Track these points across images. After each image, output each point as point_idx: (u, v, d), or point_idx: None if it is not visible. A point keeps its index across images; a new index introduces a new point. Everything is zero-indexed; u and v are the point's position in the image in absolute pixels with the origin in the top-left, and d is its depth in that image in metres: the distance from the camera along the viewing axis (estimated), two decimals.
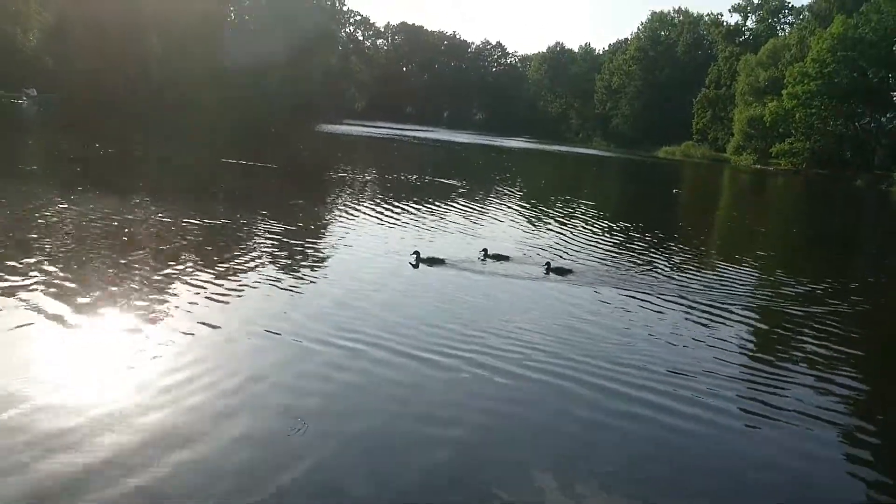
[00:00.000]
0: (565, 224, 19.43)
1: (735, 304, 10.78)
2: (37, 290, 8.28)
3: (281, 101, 75.76)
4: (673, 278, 12.56)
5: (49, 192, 15.17)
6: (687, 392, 7.02)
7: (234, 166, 25.99)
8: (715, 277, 12.97)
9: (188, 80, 65.24)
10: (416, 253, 11.91)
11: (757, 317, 10.40)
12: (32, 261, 9.51)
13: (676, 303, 10.67)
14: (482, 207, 21.70)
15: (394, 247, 13.14)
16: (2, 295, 7.95)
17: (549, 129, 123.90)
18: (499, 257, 12.79)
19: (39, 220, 12.46)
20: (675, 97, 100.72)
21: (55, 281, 8.70)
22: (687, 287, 11.84)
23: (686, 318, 9.89)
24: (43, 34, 59.20)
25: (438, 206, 20.22)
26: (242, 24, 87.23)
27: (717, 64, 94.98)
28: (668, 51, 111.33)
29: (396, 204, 19.74)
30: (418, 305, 9.41)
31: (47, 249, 10.31)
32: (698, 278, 12.75)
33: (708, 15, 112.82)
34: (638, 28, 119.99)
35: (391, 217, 17.24)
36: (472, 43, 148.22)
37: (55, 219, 12.66)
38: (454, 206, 20.77)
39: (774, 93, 72.06)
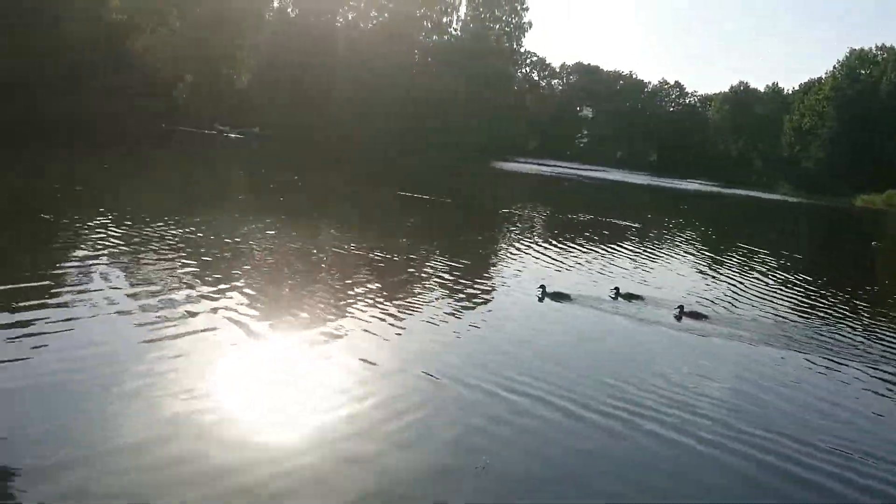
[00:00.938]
0: (736, 273, 18.33)
1: None
2: (219, 309, 9.19)
3: (459, 139, 78.34)
4: (856, 341, 11.38)
5: (253, 219, 16.83)
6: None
7: (415, 200, 27.56)
8: None
9: (376, 121, 69.56)
10: (542, 287, 12.13)
11: None
12: (220, 282, 10.61)
13: (859, 370, 9.66)
14: (650, 251, 21.06)
15: (554, 287, 13.05)
16: (185, 313, 8.86)
17: (728, 172, 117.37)
18: (631, 296, 12.52)
19: (236, 243, 13.87)
20: (878, 140, 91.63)
21: (235, 304, 9.57)
22: (873, 353, 10.66)
23: (866, 387, 8.93)
24: (252, 77, 65.99)
25: (606, 248, 19.90)
26: (426, 66, 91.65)
27: None
28: (869, 90, 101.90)
29: (562, 244, 19.72)
30: (573, 354, 9.19)
31: (235, 273, 11.46)
32: (887, 344, 11.42)
33: None
34: (834, 66, 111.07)
35: (555, 256, 17.26)
36: (650, 82, 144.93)
37: (251, 244, 14.00)
38: (621, 249, 20.33)
39: None
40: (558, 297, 11.99)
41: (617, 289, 12.77)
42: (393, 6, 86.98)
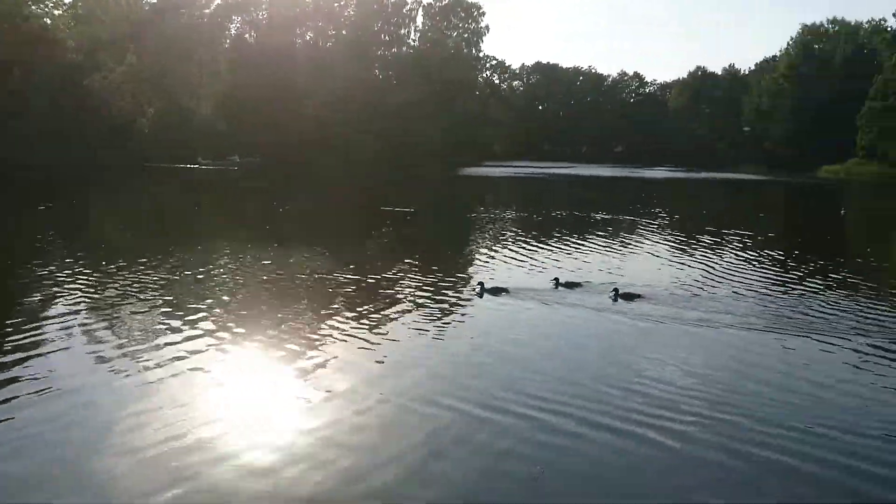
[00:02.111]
0: (704, 254, 18.81)
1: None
2: (199, 337, 9.47)
3: (426, 149, 78.67)
4: (830, 313, 11.66)
5: (233, 246, 16.96)
6: None
7: (391, 213, 27.94)
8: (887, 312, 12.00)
9: (343, 139, 69.63)
10: (481, 284, 12.63)
11: None
12: (201, 310, 10.93)
13: (849, 347, 9.85)
14: (622, 240, 21.64)
15: (532, 285, 13.41)
16: (159, 342, 9.20)
17: (693, 157, 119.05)
18: (571, 284, 13.06)
19: (218, 272, 14.02)
20: (835, 113, 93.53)
21: (216, 331, 9.82)
22: (845, 325, 10.89)
23: (847, 362, 9.21)
24: (216, 105, 65.83)
25: (577, 242, 20.52)
26: (387, 78, 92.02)
27: (883, 73, 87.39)
28: (823, 64, 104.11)
29: (533, 243, 20.27)
30: (546, 358, 9.15)
31: (218, 298, 11.78)
32: (866, 315, 11.69)
33: (868, 22, 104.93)
34: (788, 43, 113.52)
35: (526, 255, 17.77)
36: (609, 75, 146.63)
37: (232, 272, 14.13)
38: (594, 242, 20.81)
39: None
40: (496, 291, 12.50)
41: (556, 279, 13.28)
42: (351, 23, 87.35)
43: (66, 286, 12.52)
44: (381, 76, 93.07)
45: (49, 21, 64.75)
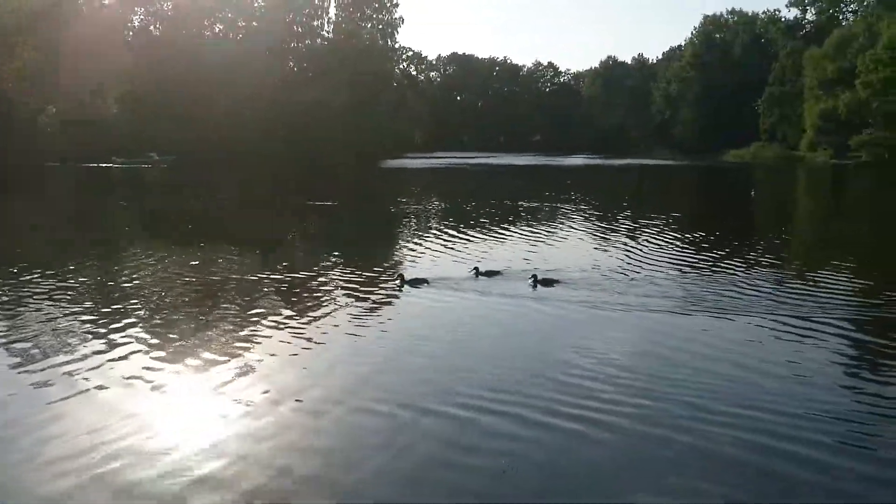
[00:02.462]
0: (619, 239, 19.24)
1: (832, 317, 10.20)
2: (128, 344, 8.95)
3: (344, 142, 77.48)
4: (756, 294, 11.85)
5: (155, 246, 16.08)
6: None
7: (313, 208, 27.58)
8: (804, 287, 12.47)
9: (257, 134, 67.63)
10: (401, 276, 12.77)
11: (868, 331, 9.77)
12: (125, 314, 10.24)
13: (780, 323, 10.03)
14: (542, 227, 21.97)
15: (452, 275, 13.40)
16: (85, 351, 8.67)
17: (608, 144, 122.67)
18: (490, 273, 13.14)
19: (141, 274, 13.27)
20: (738, 99, 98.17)
21: (145, 337, 9.32)
22: (763, 303, 11.20)
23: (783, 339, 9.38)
24: (124, 102, 62.73)
25: (497, 231, 20.64)
26: (301, 71, 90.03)
27: (780, 61, 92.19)
28: (725, 53, 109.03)
29: (453, 233, 20.36)
30: (469, 352, 9.01)
31: (143, 302, 11.20)
32: (780, 293, 12.00)
33: (764, 13, 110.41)
34: (692, 33, 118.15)
35: (447, 245, 17.79)
36: (524, 66, 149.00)
37: (156, 274, 13.38)
38: (515, 230, 21.05)
39: (846, 84, 69.56)
40: (417, 282, 12.51)
41: (476, 268, 13.34)
42: (261, 14, 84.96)
43: None
44: (296, 69, 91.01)
45: None
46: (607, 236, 20.44)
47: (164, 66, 64.96)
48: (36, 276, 13.39)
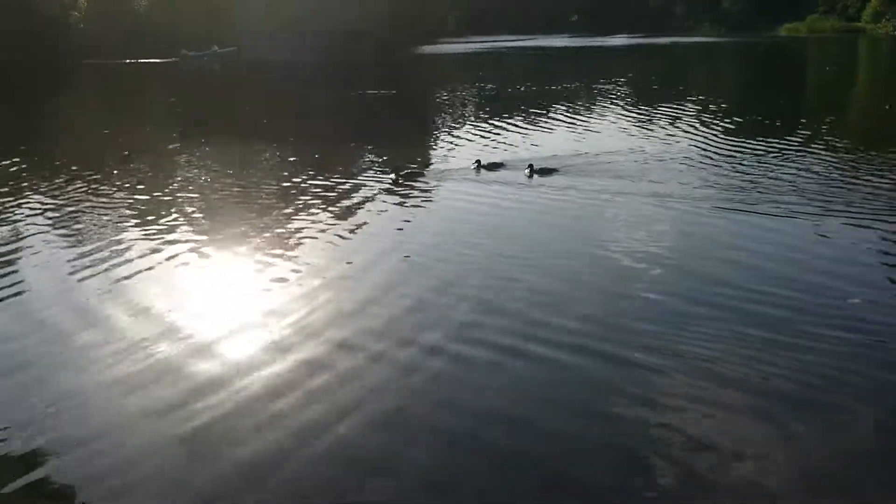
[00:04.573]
0: (664, 126, 18.24)
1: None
2: (182, 231, 9.56)
3: (379, 27, 74.75)
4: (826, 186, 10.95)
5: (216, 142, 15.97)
6: None
7: (364, 97, 27.35)
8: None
9: (299, 23, 65.53)
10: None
11: None
12: (179, 210, 10.75)
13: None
14: (579, 111, 21.61)
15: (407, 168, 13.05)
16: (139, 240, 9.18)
17: (652, 22, 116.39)
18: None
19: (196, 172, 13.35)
20: None
21: (200, 223, 9.94)
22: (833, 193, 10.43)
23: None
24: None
25: (538, 117, 20.11)
26: None
27: None
28: None
29: (484, 120, 20.11)
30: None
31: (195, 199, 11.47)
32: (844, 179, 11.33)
33: None
34: None
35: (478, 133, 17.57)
36: None
37: (209, 170, 13.31)
38: (554, 115, 20.57)
39: None
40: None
41: (478, 161, 13.08)
42: None
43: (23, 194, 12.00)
44: None
45: None
46: (652, 123, 19.23)
47: None
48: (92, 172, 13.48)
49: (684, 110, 20.92)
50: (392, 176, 12.31)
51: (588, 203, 10.46)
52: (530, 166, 12.31)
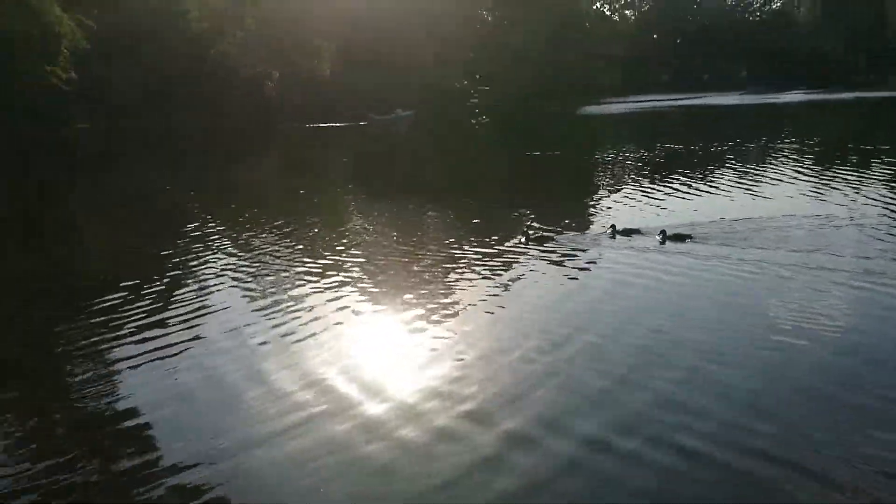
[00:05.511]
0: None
1: None
2: (348, 285, 10.56)
3: (540, 88, 76.80)
4: None
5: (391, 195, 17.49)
6: None
7: (533, 159, 28.40)
8: None
9: (460, 81, 69.06)
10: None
11: None
12: (352, 257, 12.21)
13: None
14: (741, 173, 20.95)
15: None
16: (311, 287, 10.39)
17: (831, 76, 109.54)
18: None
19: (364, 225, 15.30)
20: None
21: (372, 278, 10.87)
22: None
23: None
24: (333, 64, 66.88)
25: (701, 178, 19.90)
26: (496, 19, 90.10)
27: None
28: None
29: (644, 182, 20.21)
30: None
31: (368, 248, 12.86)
32: None
33: None
34: None
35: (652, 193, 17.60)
36: None
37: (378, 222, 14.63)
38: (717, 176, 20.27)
39: None
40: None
41: (613, 226, 12.83)
42: None
43: (214, 249, 13.66)
44: (490, 17, 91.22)
45: None
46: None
47: (373, 26, 68.09)
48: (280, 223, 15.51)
49: (868, 174, 19.89)
50: (541, 240, 12.47)
51: (754, 276, 9.91)
52: (662, 232, 12.04)
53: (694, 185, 19.16)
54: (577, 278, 10.68)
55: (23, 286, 11.68)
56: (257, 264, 12.15)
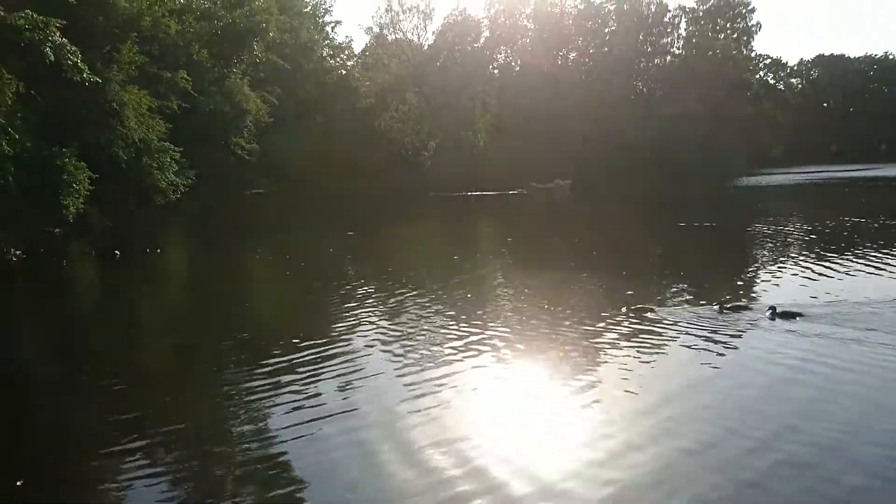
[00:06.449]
0: None
1: None
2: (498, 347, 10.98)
3: (698, 160, 74.90)
4: None
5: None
6: None
7: (686, 229, 27.93)
8: None
9: (616, 155, 69.17)
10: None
11: None
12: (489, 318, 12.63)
13: None
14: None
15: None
16: (463, 358, 10.52)
17: None
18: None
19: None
20: None
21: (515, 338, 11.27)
22: None
23: None
24: (488, 135, 69.79)
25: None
26: (651, 91, 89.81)
27: None
28: None
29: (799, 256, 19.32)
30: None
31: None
32: None
33: None
34: None
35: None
36: None
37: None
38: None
39: None
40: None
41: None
42: (612, 38, 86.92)
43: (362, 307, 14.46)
44: (646, 89, 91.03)
45: (344, 72, 73.67)
46: None
47: (525, 98, 70.52)
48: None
49: None
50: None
51: None
52: (771, 308, 11.95)
53: (835, 260, 18.43)
54: (725, 356, 10.48)
55: (211, 338, 12.90)
56: (414, 330, 12.45)
